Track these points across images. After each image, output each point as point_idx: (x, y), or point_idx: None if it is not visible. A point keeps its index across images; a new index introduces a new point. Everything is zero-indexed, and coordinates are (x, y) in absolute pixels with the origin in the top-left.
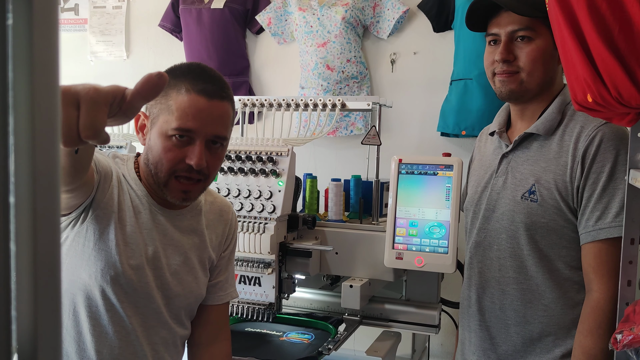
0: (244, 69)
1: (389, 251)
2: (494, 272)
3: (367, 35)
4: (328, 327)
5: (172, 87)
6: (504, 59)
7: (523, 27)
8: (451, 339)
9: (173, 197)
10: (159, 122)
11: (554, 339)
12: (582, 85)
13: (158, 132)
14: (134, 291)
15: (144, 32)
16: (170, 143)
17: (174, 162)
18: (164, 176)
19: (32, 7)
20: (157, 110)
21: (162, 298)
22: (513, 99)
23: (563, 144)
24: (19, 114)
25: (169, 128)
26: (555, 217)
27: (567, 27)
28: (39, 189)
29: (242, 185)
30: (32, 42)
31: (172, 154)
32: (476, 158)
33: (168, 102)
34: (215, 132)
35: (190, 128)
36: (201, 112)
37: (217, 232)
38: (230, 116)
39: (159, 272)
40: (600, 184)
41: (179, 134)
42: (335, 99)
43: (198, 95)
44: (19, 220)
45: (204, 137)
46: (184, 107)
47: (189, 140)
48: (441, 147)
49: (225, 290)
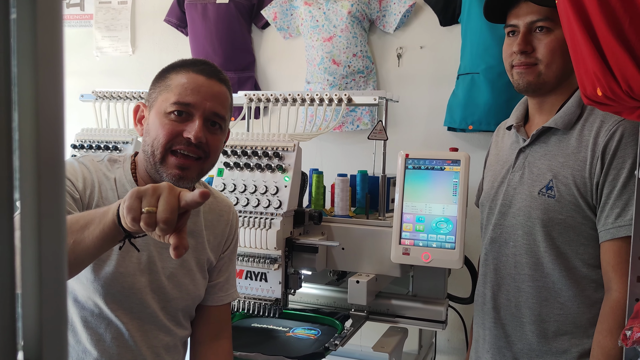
0: (250, 64)
1: (395, 247)
2: (509, 269)
3: (373, 30)
4: (334, 322)
5: (171, 72)
6: (522, 50)
7: (542, 18)
8: (458, 335)
9: (169, 174)
10: (157, 103)
11: (570, 338)
12: (591, 78)
13: (156, 112)
14: (126, 298)
15: (149, 27)
16: (168, 119)
17: (171, 136)
18: (161, 152)
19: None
20: (156, 93)
21: (158, 302)
22: (531, 92)
23: (582, 139)
24: (24, 110)
25: (168, 104)
26: (573, 213)
27: (577, 20)
28: (44, 185)
29: (248, 180)
30: (36, 37)
31: (170, 128)
32: (493, 153)
33: (166, 82)
34: (214, 109)
35: (189, 102)
36: (200, 87)
37: (216, 232)
38: (228, 100)
39: (155, 276)
40: (620, 180)
41: (177, 109)
42: (341, 94)
43: (197, 74)
44: (24, 217)
45: (202, 112)
46: (182, 83)
47: (187, 117)
48: (448, 142)
49: (225, 291)
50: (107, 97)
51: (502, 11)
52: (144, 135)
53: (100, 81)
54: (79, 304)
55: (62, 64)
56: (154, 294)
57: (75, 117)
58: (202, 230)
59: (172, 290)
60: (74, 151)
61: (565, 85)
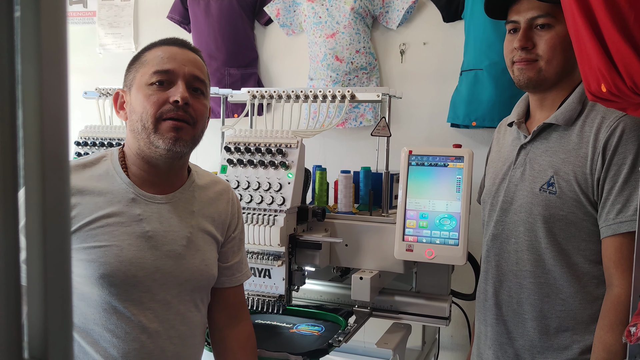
0: (253, 61)
1: (399, 243)
2: (511, 266)
3: (376, 26)
4: (338, 319)
5: (144, 52)
6: (522, 46)
7: (543, 14)
8: (462, 331)
9: (165, 139)
10: (135, 81)
11: (571, 334)
12: (596, 75)
13: (137, 88)
14: (132, 288)
15: (152, 24)
16: (150, 90)
17: (159, 104)
18: (152, 122)
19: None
20: (132, 73)
21: (168, 288)
22: (531, 88)
23: (583, 135)
24: (28, 107)
25: (147, 76)
26: (574, 209)
27: (582, 16)
28: (49, 183)
29: (252, 177)
30: (40, 35)
31: (155, 97)
32: (494, 149)
33: (141, 60)
34: (193, 72)
35: (167, 69)
36: (175, 55)
37: (219, 211)
38: (204, 67)
39: (161, 261)
40: (621, 176)
41: (158, 78)
42: (344, 90)
43: (170, 46)
44: (29, 214)
45: (183, 77)
46: (158, 55)
47: (169, 85)
48: (451, 138)
49: (241, 270)
50: (111, 94)
51: (503, 7)
52: (130, 115)
53: (104, 78)
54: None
55: (66, 61)
56: (162, 280)
57: (78, 114)
58: (203, 209)
59: (183, 273)
60: (78, 148)
61: (567, 81)
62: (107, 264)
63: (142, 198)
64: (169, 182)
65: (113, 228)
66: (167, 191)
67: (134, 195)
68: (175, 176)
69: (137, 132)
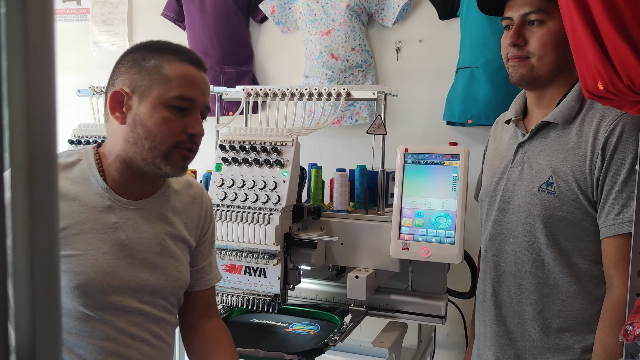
0: (248, 58)
1: (395, 242)
2: (510, 266)
3: (371, 23)
4: (334, 318)
5: (161, 59)
6: (514, 42)
7: (534, 10)
8: (458, 330)
9: (174, 167)
10: (152, 94)
11: (572, 335)
12: (592, 72)
13: (153, 103)
14: (107, 297)
15: (146, 21)
16: (170, 114)
17: (176, 133)
18: (166, 148)
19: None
20: (147, 82)
21: (144, 295)
22: (524, 85)
23: (582, 134)
24: (14, 106)
25: (169, 97)
26: (573, 209)
27: (578, 13)
28: (36, 183)
29: (247, 175)
30: (27, 31)
31: (175, 125)
32: (491, 146)
33: (160, 72)
34: (207, 102)
35: (191, 97)
36: (197, 81)
37: (192, 215)
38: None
39: (136, 269)
40: (621, 176)
41: (180, 104)
42: (340, 88)
43: (190, 65)
44: (16, 215)
45: (200, 107)
46: (182, 76)
47: (187, 112)
48: (447, 136)
49: (210, 273)
50: (104, 92)
51: (498, 3)
52: (135, 126)
53: (97, 76)
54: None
55: (53, 58)
56: (136, 287)
57: (72, 112)
58: (177, 214)
59: (158, 280)
60: (71, 146)
61: (564, 78)
62: (84, 274)
63: (118, 204)
64: (145, 189)
65: (88, 236)
66: (142, 197)
67: (110, 202)
68: (153, 184)
69: (139, 147)
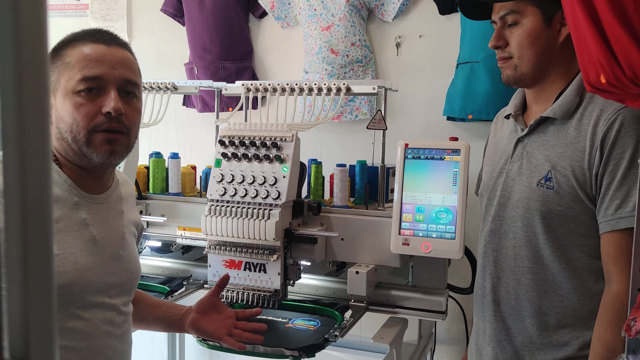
0: (247, 54)
1: (395, 237)
2: (509, 262)
3: (371, 18)
4: (334, 313)
5: (65, 48)
6: (494, 45)
7: (507, 12)
8: (458, 325)
9: (99, 152)
10: (60, 84)
11: (570, 331)
12: (595, 65)
13: (63, 94)
14: (87, 294)
15: (146, 17)
16: (79, 99)
17: (90, 116)
18: (84, 135)
19: None
20: (55, 75)
21: (114, 288)
22: (513, 84)
23: (581, 129)
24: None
25: (74, 83)
26: (572, 204)
27: (581, 6)
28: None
29: (247, 171)
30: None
31: (86, 108)
32: (491, 141)
33: (64, 60)
34: (124, 75)
35: (97, 75)
36: (103, 57)
37: (133, 208)
38: (135, 64)
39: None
40: (620, 170)
41: (86, 86)
42: (339, 83)
43: (95, 43)
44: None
45: (114, 82)
46: (83, 56)
47: (99, 91)
48: (447, 132)
49: None
50: None
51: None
52: (57, 122)
53: None
54: None
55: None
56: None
57: None
58: (126, 206)
59: (123, 272)
60: None
61: (559, 73)
62: (66, 273)
63: (84, 200)
64: (100, 184)
65: (64, 234)
66: (101, 190)
67: (77, 198)
68: (106, 179)
69: (66, 142)
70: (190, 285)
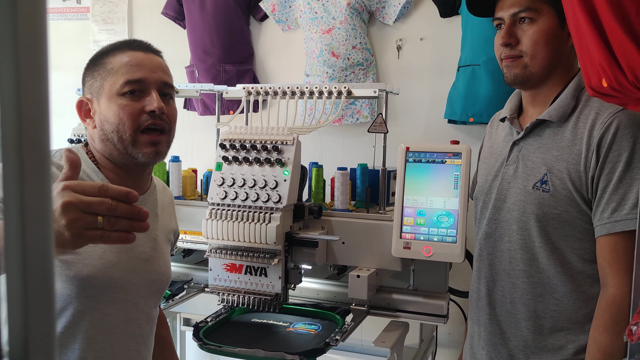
0: (248, 57)
1: (396, 241)
2: (504, 265)
3: (372, 21)
4: (335, 317)
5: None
6: (506, 42)
7: (524, 8)
8: (459, 329)
9: (144, 152)
10: (105, 89)
11: (565, 334)
12: (597, 69)
13: (107, 97)
14: (109, 289)
15: (146, 20)
16: (124, 101)
17: (135, 115)
18: (130, 134)
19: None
20: (98, 82)
21: (139, 288)
22: (519, 84)
23: (577, 132)
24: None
25: (118, 86)
26: (568, 208)
27: (582, 10)
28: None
29: (247, 174)
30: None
31: (131, 108)
32: (486, 144)
33: (106, 67)
34: (163, 78)
35: (139, 78)
36: (143, 62)
37: (171, 214)
38: (169, 70)
39: (134, 262)
40: (616, 174)
41: (130, 88)
42: (340, 87)
43: (134, 51)
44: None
45: (154, 85)
46: (125, 63)
47: (141, 93)
48: (448, 135)
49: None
50: None
51: (488, 4)
52: (102, 125)
53: None
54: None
55: (46, 55)
56: (134, 281)
57: (72, 111)
58: (163, 212)
59: (150, 274)
60: (71, 146)
61: (559, 76)
62: (91, 266)
63: None
64: (139, 186)
65: None
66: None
67: None
68: (145, 180)
69: (111, 142)
70: (191, 289)
